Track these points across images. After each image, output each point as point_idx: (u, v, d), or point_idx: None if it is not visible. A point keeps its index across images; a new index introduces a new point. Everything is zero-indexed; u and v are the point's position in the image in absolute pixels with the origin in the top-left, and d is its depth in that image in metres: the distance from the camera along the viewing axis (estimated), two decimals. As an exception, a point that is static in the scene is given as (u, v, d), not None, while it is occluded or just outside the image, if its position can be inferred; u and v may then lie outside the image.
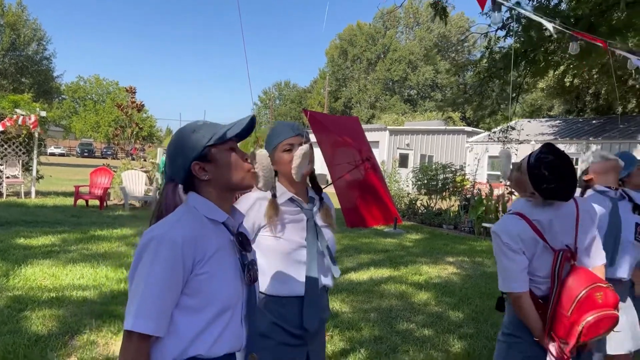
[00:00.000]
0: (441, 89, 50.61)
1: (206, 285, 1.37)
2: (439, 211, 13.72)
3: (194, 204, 1.46)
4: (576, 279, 2.12)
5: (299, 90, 62.69)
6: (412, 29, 55.86)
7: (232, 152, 1.48)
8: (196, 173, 1.45)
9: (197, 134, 1.46)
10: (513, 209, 2.31)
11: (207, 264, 1.37)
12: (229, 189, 1.51)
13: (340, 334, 4.52)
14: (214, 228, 1.45)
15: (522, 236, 2.17)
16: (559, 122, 23.62)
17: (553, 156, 2.19)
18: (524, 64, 9.59)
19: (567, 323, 2.07)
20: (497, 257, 2.26)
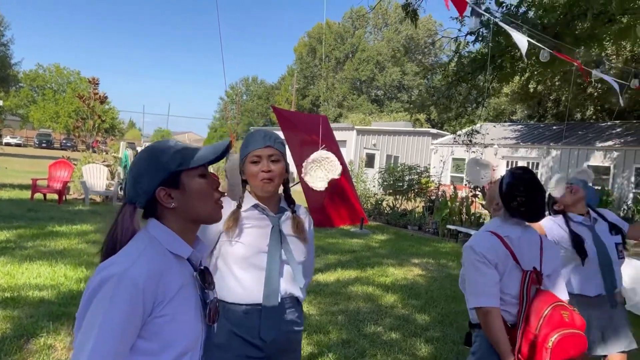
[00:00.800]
0: (407, 90, 51.16)
1: (165, 329, 1.22)
2: (404, 212, 13.84)
3: (155, 234, 1.30)
4: (542, 299, 2.16)
5: (267, 87, 62.30)
6: (380, 29, 56.24)
7: (203, 179, 1.34)
8: (161, 199, 1.29)
9: (167, 156, 1.31)
10: (486, 227, 2.37)
11: (168, 305, 1.22)
12: (194, 218, 1.35)
13: (308, 338, 4.47)
14: (177, 263, 1.30)
15: (496, 249, 2.21)
16: (522, 127, 24.22)
17: (528, 176, 2.30)
18: (492, 69, 9.75)
19: (534, 342, 2.07)
20: (467, 274, 2.26)
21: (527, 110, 29.55)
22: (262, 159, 2.00)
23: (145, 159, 1.32)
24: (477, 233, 2.36)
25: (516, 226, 2.32)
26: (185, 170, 1.31)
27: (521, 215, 2.27)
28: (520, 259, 2.22)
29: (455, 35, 9.62)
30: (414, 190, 15.64)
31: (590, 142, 18.28)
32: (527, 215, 2.28)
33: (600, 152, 17.63)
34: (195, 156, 1.33)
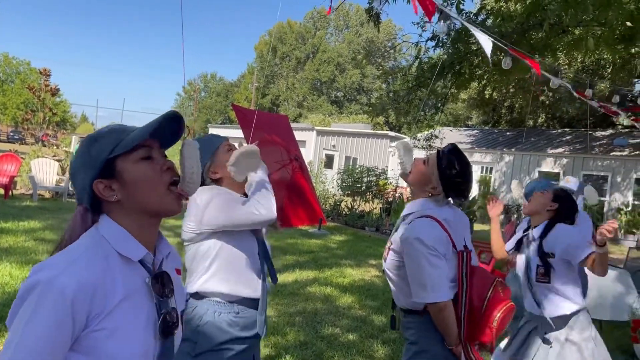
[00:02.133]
0: (367, 92, 51.64)
1: (105, 344, 1.05)
2: (362, 213, 13.95)
3: (104, 233, 1.13)
4: (481, 278, 2.14)
5: (226, 84, 61.59)
6: (341, 31, 56.55)
7: (146, 161, 1.16)
8: (100, 194, 1.13)
9: (99, 144, 1.14)
10: (420, 212, 2.21)
11: (107, 317, 1.05)
12: (143, 212, 1.16)
13: (264, 340, 4.41)
14: (125, 267, 1.12)
15: (442, 238, 2.12)
16: (477, 132, 24.85)
17: (462, 156, 2.23)
18: (450, 75, 9.94)
19: (480, 323, 2.08)
20: (416, 266, 2.10)
21: (483, 116, 30.38)
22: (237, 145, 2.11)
23: (78, 153, 1.17)
24: (417, 221, 2.18)
25: (448, 207, 2.25)
26: (120, 155, 1.13)
27: (460, 196, 2.22)
28: (455, 240, 2.17)
29: (416, 41, 9.76)
30: (372, 192, 15.78)
31: (542, 149, 18.93)
32: (466, 194, 2.23)
33: (550, 158, 18.28)
34: (131, 136, 1.14)
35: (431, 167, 2.23)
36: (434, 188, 2.22)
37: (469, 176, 2.22)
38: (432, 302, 2.08)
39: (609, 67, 15.34)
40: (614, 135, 19.05)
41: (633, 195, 16.03)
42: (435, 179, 2.21)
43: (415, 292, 2.13)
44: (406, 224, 2.22)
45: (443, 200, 2.23)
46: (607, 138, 18.65)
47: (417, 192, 2.30)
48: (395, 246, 2.23)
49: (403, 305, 2.28)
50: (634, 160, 16.12)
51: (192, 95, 60.76)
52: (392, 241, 2.29)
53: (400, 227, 2.29)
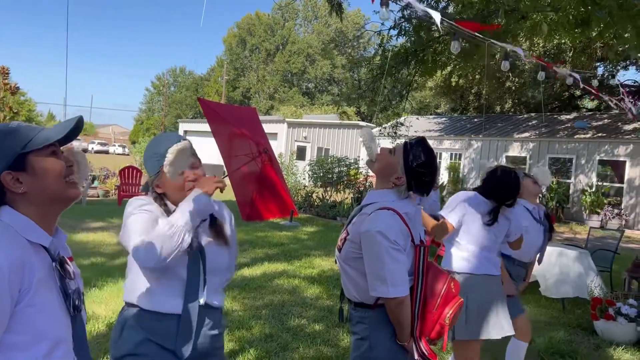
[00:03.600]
0: (338, 83, 51.66)
1: (37, 319, 1.15)
2: (333, 203, 13.98)
3: (10, 222, 1.21)
4: (434, 274, 2.13)
5: (196, 78, 60.83)
6: (310, 22, 56.34)
7: (53, 157, 1.28)
8: (8, 185, 1.22)
9: (10, 139, 1.23)
10: (380, 203, 2.16)
11: (35, 294, 1.15)
12: (50, 202, 1.28)
13: (229, 334, 4.39)
14: (35, 252, 1.21)
15: (403, 232, 2.07)
16: (445, 119, 25.11)
17: (430, 149, 2.20)
18: (414, 63, 9.99)
19: (432, 319, 2.08)
20: (376, 260, 2.04)
21: (450, 103, 30.71)
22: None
23: None
24: (378, 213, 2.12)
25: (409, 200, 2.20)
26: (33, 151, 1.24)
27: (423, 191, 2.19)
28: (414, 235, 2.14)
29: (379, 30, 9.77)
30: (344, 182, 15.83)
31: (509, 134, 19.24)
32: (428, 189, 2.20)
33: (517, 143, 18.60)
34: (43, 135, 1.26)
35: (397, 156, 2.19)
36: (397, 178, 2.17)
37: (434, 170, 2.18)
38: (392, 297, 2.03)
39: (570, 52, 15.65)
40: (577, 118, 19.48)
41: (596, 177, 16.44)
42: (400, 168, 2.17)
43: (373, 286, 2.06)
44: (366, 215, 2.16)
45: (405, 192, 2.18)
46: (571, 122, 19.06)
47: (380, 182, 2.25)
48: (353, 237, 2.17)
49: (354, 298, 2.21)
50: (597, 142, 16.53)
51: (162, 90, 59.88)
52: (348, 231, 2.23)
53: (357, 217, 2.23)
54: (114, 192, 14.72)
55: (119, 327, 1.93)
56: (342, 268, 2.26)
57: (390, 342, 2.12)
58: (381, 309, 2.12)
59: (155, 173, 1.98)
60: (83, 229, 8.87)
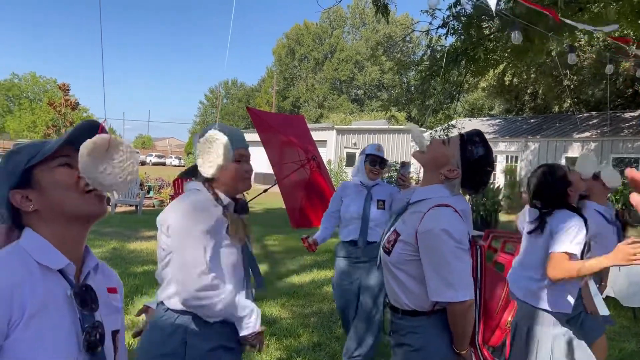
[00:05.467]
0: (387, 88, 51.24)
1: (27, 357, 1.01)
2: (384, 210, 13.71)
3: (23, 245, 1.11)
4: (493, 277, 1.95)
5: (247, 89, 61.95)
6: (358, 29, 56.28)
7: (64, 167, 1.15)
8: (18, 204, 1.12)
9: (17, 156, 1.15)
10: (435, 200, 1.95)
11: (27, 327, 1.01)
12: (64, 219, 1.14)
13: (277, 342, 4.30)
14: (45, 277, 1.09)
15: (464, 230, 1.89)
16: (499, 121, 24.31)
17: (488, 143, 2.01)
18: (465, 62, 9.67)
19: (492, 325, 1.90)
20: (442, 261, 1.84)
21: (505, 104, 29.74)
22: (244, 158, 2.05)
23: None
24: (439, 210, 1.91)
25: (462, 197, 2.01)
26: (38, 164, 1.13)
27: (476, 188, 2.01)
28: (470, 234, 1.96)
29: (427, 29, 9.51)
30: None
31: (568, 134, 18.38)
32: (480, 189, 2.03)
33: (577, 143, 17.73)
34: (48, 146, 1.14)
35: (452, 148, 1.99)
36: (450, 171, 1.97)
37: (491, 165, 1.99)
38: (460, 301, 1.82)
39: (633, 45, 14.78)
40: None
41: (667, 176, 15.40)
42: (455, 161, 1.97)
43: (437, 291, 1.85)
44: (420, 213, 1.95)
45: (458, 187, 2.00)
46: (636, 119, 17.98)
47: (430, 176, 2.04)
48: (407, 237, 1.96)
49: (405, 306, 1.99)
50: (666, 140, 15.49)
51: (215, 103, 61.36)
52: (398, 231, 2.01)
53: (409, 216, 2.02)
54: (168, 202, 15.05)
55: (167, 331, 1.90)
56: (391, 273, 2.04)
57: (447, 351, 1.92)
58: (437, 316, 1.92)
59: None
60: (137, 238, 9.06)
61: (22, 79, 56.10)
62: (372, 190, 3.77)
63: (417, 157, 2.10)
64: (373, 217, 3.71)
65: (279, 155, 5.31)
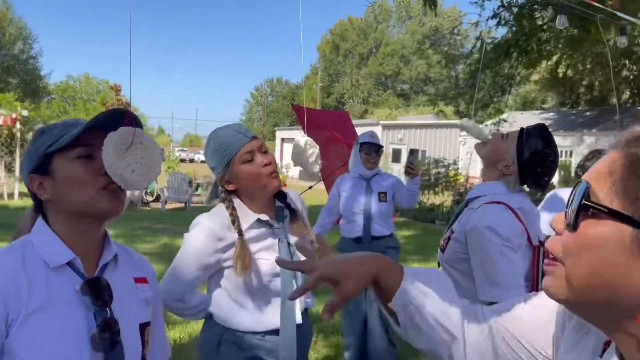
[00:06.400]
0: (434, 82, 50.46)
1: (24, 355, 0.97)
2: (431, 207, 13.50)
3: (32, 237, 1.07)
4: None
5: (291, 87, 62.41)
6: (404, 22, 55.63)
7: (84, 160, 1.07)
8: (35, 190, 1.07)
9: (43, 138, 1.08)
10: (489, 196, 1.90)
11: (22, 325, 0.97)
12: (73, 214, 1.07)
13: (324, 340, 4.27)
14: (50, 272, 1.03)
15: (516, 229, 1.81)
16: (552, 114, 23.47)
17: (550, 137, 1.90)
18: (516, 54, 9.36)
19: None
20: (486, 260, 1.79)
21: (559, 97, 28.67)
22: (255, 153, 1.72)
23: (25, 147, 1.14)
24: (487, 207, 1.87)
25: (522, 194, 1.93)
26: (57, 152, 1.06)
27: (537, 186, 1.90)
28: (531, 234, 1.86)
29: (476, 21, 9.26)
30: (442, 184, 15.26)
31: (627, 127, 17.52)
32: (542, 186, 1.91)
33: (637, 136, 16.90)
34: (72, 133, 1.05)
35: (510, 141, 1.93)
36: (506, 166, 1.90)
37: (551, 161, 1.89)
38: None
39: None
40: None
41: None
42: (511, 155, 1.90)
43: (483, 290, 1.80)
44: (473, 210, 1.91)
45: (516, 184, 1.91)
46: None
47: (488, 172, 2.00)
48: (458, 235, 1.92)
49: None
50: None
51: (260, 101, 62.14)
52: (453, 229, 1.98)
53: (464, 213, 1.99)
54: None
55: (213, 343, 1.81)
56: (446, 271, 2.01)
57: None
58: None
59: (224, 167, 1.75)
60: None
61: (76, 80, 58.48)
62: (371, 182, 3.61)
63: (477, 150, 2.06)
64: (375, 211, 3.54)
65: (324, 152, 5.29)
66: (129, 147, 1.06)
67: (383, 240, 3.60)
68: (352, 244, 3.56)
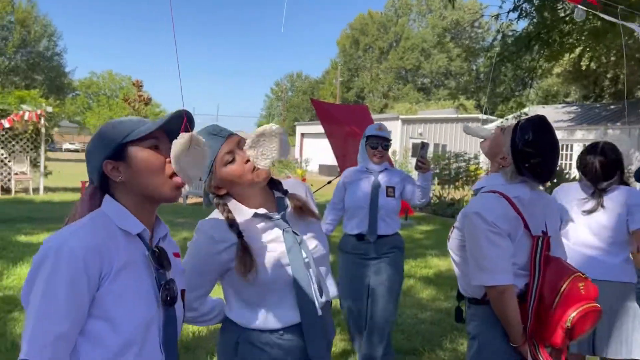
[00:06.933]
0: (455, 76, 49.92)
1: (114, 307, 1.16)
2: (451, 201, 13.41)
3: (105, 210, 1.26)
4: (556, 269, 1.86)
5: (311, 81, 62.37)
6: (424, 16, 55.10)
7: (153, 150, 1.27)
8: (109, 173, 1.26)
9: (116, 130, 1.28)
10: (487, 187, 2.00)
11: (114, 281, 1.16)
12: (147, 197, 1.28)
13: (342, 334, 4.29)
14: (125, 240, 1.24)
15: (508, 215, 1.87)
16: (575, 107, 23.03)
17: (543, 128, 1.93)
18: (538, 47, 9.21)
19: (549, 321, 1.80)
20: (474, 244, 1.89)
21: (582, 90, 28.11)
22: (235, 151, 1.67)
23: (97, 135, 1.31)
24: (481, 195, 1.99)
25: (524, 185, 1.96)
26: (132, 142, 1.25)
27: (534, 177, 1.93)
28: (530, 223, 1.90)
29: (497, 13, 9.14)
30: (462, 179, 15.13)
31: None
32: (541, 177, 1.94)
33: (664, 130, 16.49)
34: (145, 127, 1.27)
35: (506, 135, 2.00)
36: (503, 159, 1.98)
37: (545, 150, 1.92)
38: (490, 285, 1.85)
39: None
40: None
41: None
42: (506, 148, 1.97)
43: (473, 274, 1.90)
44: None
45: (514, 175, 1.96)
46: None
47: (492, 164, 2.11)
48: (459, 223, 2.03)
49: (465, 292, 2.08)
50: None
51: (280, 96, 62.26)
52: (457, 218, 2.09)
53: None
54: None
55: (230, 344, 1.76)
56: (453, 259, 2.14)
57: (501, 343, 1.91)
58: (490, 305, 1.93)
59: (208, 174, 1.70)
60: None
61: (100, 77, 59.47)
62: (379, 177, 3.42)
63: (481, 148, 2.17)
64: (382, 206, 3.32)
65: (343, 147, 5.29)
66: (189, 148, 1.23)
67: (388, 239, 3.39)
68: (354, 242, 3.39)
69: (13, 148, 12.80)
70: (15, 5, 35.84)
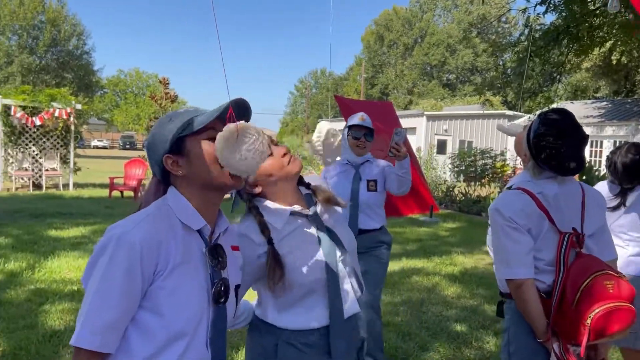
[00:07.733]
0: (481, 72, 49.21)
1: (165, 303, 1.18)
2: (477, 198, 13.24)
3: (170, 203, 1.28)
4: (582, 266, 1.82)
5: (335, 78, 62.26)
6: (449, 11, 54.43)
7: (212, 142, 1.26)
8: (169, 168, 1.28)
9: (172, 124, 1.28)
10: (516, 184, 2.02)
11: (169, 276, 1.18)
12: (208, 188, 1.29)
13: (365, 330, 4.29)
14: (185, 234, 1.25)
15: (527, 210, 1.86)
16: (606, 103, 22.47)
17: (559, 119, 1.91)
18: (566, 41, 9.02)
19: (571, 317, 1.76)
20: (496, 239, 1.94)
21: (612, 85, 27.41)
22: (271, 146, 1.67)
23: (154, 129, 1.32)
24: (505, 192, 2.02)
25: (550, 180, 1.93)
26: (189, 135, 1.26)
27: (552, 169, 1.90)
28: (557, 219, 1.88)
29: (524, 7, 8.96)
30: (488, 175, 14.90)
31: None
32: (560, 168, 1.89)
33: (699, 126, 15.97)
34: (200, 119, 1.27)
35: (525, 132, 2.03)
36: (525, 156, 2.03)
37: (557, 138, 1.87)
38: (509, 279, 1.88)
39: None
40: None
41: None
42: (526, 148, 1.98)
43: (497, 268, 1.97)
44: None
45: (537, 171, 1.95)
46: None
47: (522, 162, 2.17)
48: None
49: (500, 287, 2.15)
50: None
51: (304, 93, 62.31)
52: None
53: None
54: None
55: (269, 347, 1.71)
56: (491, 255, 2.24)
57: (528, 338, 1.91)
58: None
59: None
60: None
61: (127, 74, 60.42)
62: (360, 169, 3.32)
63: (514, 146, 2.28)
64: (363, 200, 3.24)
65: (367, 142, 5.27)
66: (237, 139, 1.23)
67: (372, 234, 3.31)
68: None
69: (44, 145, 13.12)
70: (46, 6, 36.65)
